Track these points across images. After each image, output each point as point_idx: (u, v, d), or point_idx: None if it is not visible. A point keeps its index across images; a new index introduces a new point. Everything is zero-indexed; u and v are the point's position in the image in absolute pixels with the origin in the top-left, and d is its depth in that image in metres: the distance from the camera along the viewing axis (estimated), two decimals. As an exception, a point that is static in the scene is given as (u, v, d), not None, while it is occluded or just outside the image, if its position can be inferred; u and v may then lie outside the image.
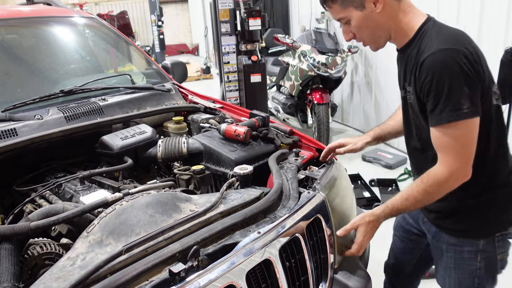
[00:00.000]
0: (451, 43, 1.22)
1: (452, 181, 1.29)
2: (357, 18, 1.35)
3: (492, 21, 3.49)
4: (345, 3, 1.34)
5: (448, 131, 1.24)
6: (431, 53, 1.23)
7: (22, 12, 2.72)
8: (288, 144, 1.96)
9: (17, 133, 1.75)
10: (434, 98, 1.23)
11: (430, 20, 1.34)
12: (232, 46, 5.32)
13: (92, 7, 16.37)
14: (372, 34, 1.39)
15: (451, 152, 1.26)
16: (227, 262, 1.12)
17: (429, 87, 1.24)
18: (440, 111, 1.23)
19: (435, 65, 1.22)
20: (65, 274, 1.05)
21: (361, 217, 1.47)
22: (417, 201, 1.35)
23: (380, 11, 1.32)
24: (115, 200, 1.38)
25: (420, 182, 1.33)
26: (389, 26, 1.36)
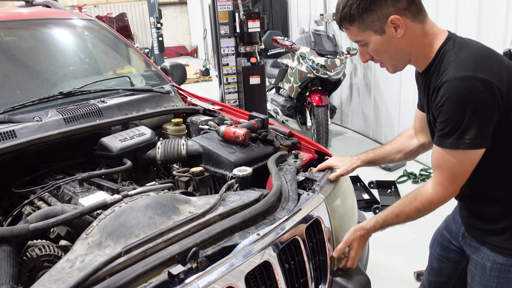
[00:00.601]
0: (467, 69, 1.17)
1: (444, 201, 1.31)
2: (375, 42, 1.29)
3: (490, 22, 3.50)
4: (363, 26, 1.27)
5: (448, 156, 1.24)
6: (445, 80, 1.19)
7: (21, 14, 2.72)
8: (287, 146, 1.96)
9: (16, 135, 1.75)
10: (443, 122, 1.22)
11: (450, 39, 1.28)
12: (231, 48, 5.32)
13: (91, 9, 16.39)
14: (391, 58, 1.34)
15: (447, 175, 1.27)
16: (226, 264, 1.12)
17: (440, 111, 1.22)
18: (444, 136, 1.22)
19: (448, 93, 1.18)
20: (64, 276, 1.05)
21: (353, 232, 1.47)
22: (408, 218, 1.37)
23: (401, 36, 1.26)
24: (114, 202, 1.38)
25: (413, 199, 1.35)
26: (410, 51, 1.31)
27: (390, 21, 1.24)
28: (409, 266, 2.72)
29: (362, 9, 1.25)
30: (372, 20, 1.25)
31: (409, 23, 1.25)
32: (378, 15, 1.24)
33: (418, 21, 1.27)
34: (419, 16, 1.27)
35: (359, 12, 1.25)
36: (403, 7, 1.24)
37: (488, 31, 3.53)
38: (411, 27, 1.26)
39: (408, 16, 1.25)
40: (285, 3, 7.97)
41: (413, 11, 1.25)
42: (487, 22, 3.53)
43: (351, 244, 1.47)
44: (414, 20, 1.26)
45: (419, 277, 2.67)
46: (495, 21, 3.45)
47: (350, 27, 1.31)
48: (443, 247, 1.66)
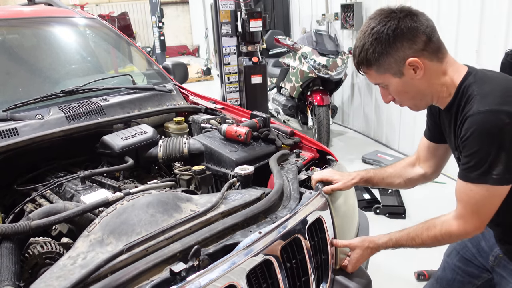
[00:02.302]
0: (493, 103, 1.14)
1: (464, 236, 1.28)
2: (395, 84, 1.27)
3: (492, 23, 3.49)
4: (381, 70, 1.25)
5: (472, 191, 1.21)
6: (470, 114, 1.17)
7: (23, 12, 2.72)
8: (289, 145, 1.96)
9: (18, 133, 1.75)
10: (467, 156, 1.19)
11: (471, 74, 1.25)
12: (233, 47, 5.32)
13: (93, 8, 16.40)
14: (413, 99, 1.32)
15: (471, 210, 1.24)
16: (227, 262, 1.12)
17: (464, 145, 1.19)
18: (469, 170, 1.20)
19: (473, 127, 1.16)
20: (65, 273, 1.05)
21: (361, 240, 1.45)
22: (423, 244, 1.33)
23: (420, 77, 1.24)
24: (116, 199, 1.38)
25: (432, 227, 1.31)
26: (431, 90, 1.28)
27: (408, 63, 1.21)
28: (409, 266, 2.72)
29: (378, 53, 1.22)
30: (389, 63, 1.23)
31: (428, 63, 1.23)
32: (395, 58, 1.22)
33: (437, 60, 1.24)
34: (438, 54, 1.24)
35: (376, 56, 1.23)
36: (420, 48, 1.21)
37: (489, 31, 3.52)
38: (430, 67, 1.23)
39: (426, 57, 1.22)
40: (287, 2, 7.97)
41: (430, 50, 1.23)
42: (489, 23, 3.53)
43: (354, 250, 1.46)
44: (433, 59, 1.23)
45: (420, 277, 2.67)
46: (497, 22, 3.44)
47: (368, 71, 1.29)
48: (463, 259, 1.62)
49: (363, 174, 1.63)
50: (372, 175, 1.64)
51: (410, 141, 4.71)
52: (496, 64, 3.01)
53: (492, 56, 3.41)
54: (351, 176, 1.61)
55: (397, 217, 3.47)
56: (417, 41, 1.20)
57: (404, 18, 1.21)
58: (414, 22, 1.21)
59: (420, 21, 1.21)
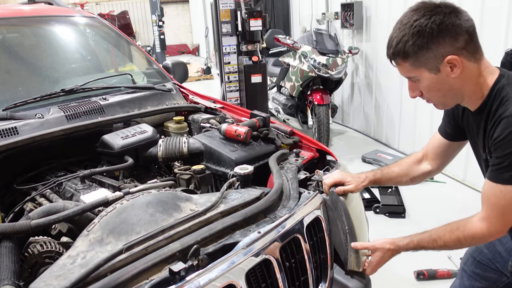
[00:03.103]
0: None
1: (487, 238, 1.27)
2: (429, 80, 1.24)
3: (492, 22, 3.49)
4: (417, 63, 1.22)
5: (503, 192, 1.19)
6: (506, 115, 1.16)
7: (24, 11, 2.72)
8: (288, 145, 1.96)
9: (18, 132, 1.75)
10: (500, 157, 1.18)
11: (504, 77, 1.25)
12: (233, 46, 5.32)
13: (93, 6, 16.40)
14: (443, 96, 1.29)
15: (496, 211, 1.22)
16: (227, 262, 1.12)
17: (498, 146, 1.18)
18: (501, 171, 1.18)
19: (508, 129, 1.15)
20: (65, 272, 1.06)
21: (382, 243, 1.42)
22: (446, 246, 1.31)
23: (456, 76, 1.21)
24: (115, 199, 1.38)
25: (455, 229, 1.29)
26: (463, 90, 1.26)
27: (447, 60, 1.19)
28: (409, 265, 2.72)
29: (418, 46, 1.20)
30: (427, 58, 1.21)
31: (466, 63, 1.21)
32: (434, 54, 1.20)
33: (474, 60, 1.23)
34: (476, 55, 1.23)
35: (415, 49, 1.20)
36: (461, 46, 1.19)
37: (489, 31, 3.52)
38: (467, 67, 1.21)
39: (465, 56, 1.20)
40: (287, 1, 7.97)
41: (470, 50, 1.21)
42: (489, 22, 3.53)
43: (375, 252, 1.43)
44: (471, 60, 1.22)
45: (419, 277, 2.67)
46: (497, 21, 3.44)
47: (403, 63, 1.26)
48: (480, 265, 1.61)
49: (371, 176, 1.61)
50: (380, 176, 1.63)
51: (410, 140, 4.71)
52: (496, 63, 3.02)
53: (492, 55, 3.40)
54: (361, 179, 1.59)
55: (397, 216, 3.47)
56: (459, 39, 1.18)
57: (450, 14, 1.18)
58: (458, 19, 1.18)
59: (464, 19, 1.20)
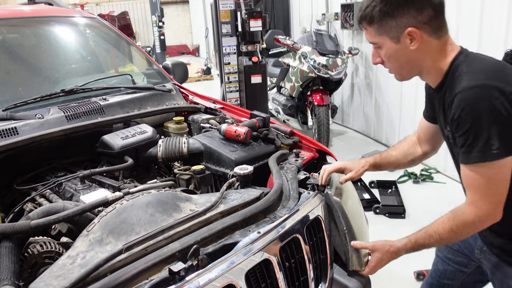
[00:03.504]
0: (481, 78, 1.15)
1: (480, 224, 1.23)
2: (389, 48, 1.28)
3: (492, 23, 3.50)
4: (381, 30, 1.26)
5: (476, 171, 1.19)
6: (459, 91, 1.17)
7: (24, 11, 2.72)
8: (288, 145, 1.96)
9: (18, 132, 1.75)
10: (463, 136, 1.18)
11: (462, 53, 1.27)
12: (233, 47, 5.32)
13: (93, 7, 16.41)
14: (400, 67, 1.33)
15: (479, 193, 1.20)
16: (226, 262, 1.12)
17: (457, 124, 1.18)
18: (468, 151, 1.17)
19: (463, 103, 1.15)
20: (65, 272, 1.06)
21: (382, 244, 1.41)
22: (442, 239, 1.29)
23: (414, 49, 1.24)
24: (115, 199, 1.38)
25: (446, 219, 1.28)
26: (421, 64, 1.29)
27: (407, 32, 1.22)
28: (409, 265, 2.72)
29: (384, 13, 1.23)
30: (390, 26, 1.24)
31: (426, 37, 1.23)
32: (397, 23, 1.23)
33: (436, 37, 1.25)
34: (439, 32, 1.25)
35: (380, 15, 1.24)
36: (424, 20, 1.21)
37: (490, 31, 3.52)
38: (427, 42, 1.24)
39: (426, 30, 1.23)
40: (287, 2, 7.97)
41: (433, 26, 1.23)
42: (488, 23, 3.53)
43: (374, 253, 1.42)
44: (432, 35, 1.24)
45: (419, 277, 2.67)
46: (496, 22, 3.45)
47: (368, 27, 1.30)
48: (452, 251, 1.64)
49: (371, 161, 1.64)
50: (380, 160, 1.65)
51: (410, 141, 4.71)
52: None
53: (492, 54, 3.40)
54: (361, 164, 1.62)
55: (397, 216, 3.47)
56: (423, 13, 1.21)
57: None
58: None
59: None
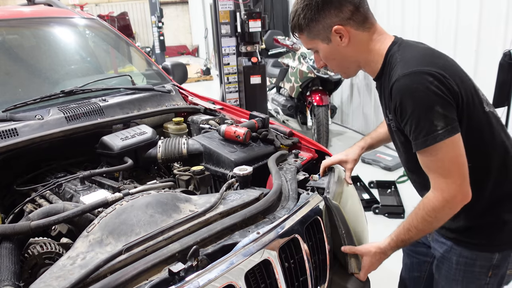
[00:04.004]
0: (414, 65, 1.19)
1: (449, 206, 1.23)
2: (323, 50, 1.34)
3: (491, 23, 3.50)
4: (311, 35, 1.32)
5: (429, 155, 1.20)
6: (395, 79, 1.21)
7: (23, 12, 2.73)
8: (287, 146, 1.96)
9: (18, 133, 1.75)
10: (407, 125, 1.20)
11: (396, 43, 1.31)
12: (232, 47, 5.33)
13: (93, 8, 16.40)
14: (340, 65, 1.39)
15: (439, 175, 1.21)
16: (226, 262, 1.12)
17: (400, 113, 1.21)
18: (415, 137, 1.20)
19: (401, 91, 1.19)
20: (65, 273, 1.06)
21: (367, 247, 1.45)
22: (419, 230, 1.30)
23: (346, 45, 1.30)
24: (115, 200, 1.38)
25: (417, 209, 1.29)
26: (357, 58, 1.34)
27: (334, 30, 1.27)
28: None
29: (308, 19, 1.29)
30: (318, 30, 1.30)
31: (354, 32, 1.29)
32: (323, 25, 1.28)
33: (363, 29, 1.30)
34: (365, 24, 1.30)
35: (306, 22, 1.30)
36: (346, 16, 1.27)
37: (488, 32, 3.53)
38: (356, 36, 1.29)
39: (352, 25, 1.28)
40: (286, 2, 7.98)
41: (357, 20, 1.28)
42: (487, 23, 3.54)
43: (363, 257, 1.46)
44: (359, 29, 1.29)
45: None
46: (495, 22, 3.45)
47: (300, 35, 1.36)
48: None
49: (362, 144, 1.70)
50: (371, 141, 1.70)
51: (409, 141, 4.72)
52: (494, 64, 3.03)
53: (491, 56, 3.42)
54: (356, 151, 1.67)
55: (396, 217, 3.48)
56: (343, 10, 1.26)
57: None
58: None
59: None
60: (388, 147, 5.16)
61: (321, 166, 1.71)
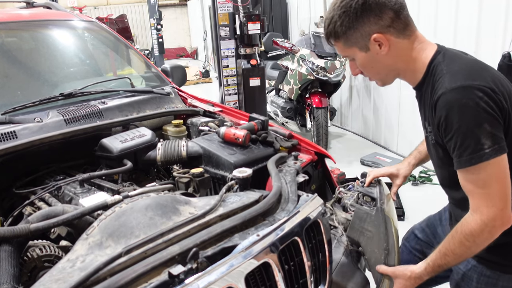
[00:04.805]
0: (464, 79, 1.14)
1: (488, 230, 1.15)
2: (361, 58, 1.29)
3: (489, 25, 3.51)
4: (349, 43, 1.27)
5: (471, 174, 1.15)
6: (442, 92, 1.15)
7: (22, 15, 2.73)
8: (287, 148, 1.96)
9: (17, 136, 1.75)
10: (452, 140, 1.15)
11: (440, 53, 1.25)
12: (231, 50, 5.33)
13: (91, 10, 16.43)
14: (378, 73, 1.33)
15: (480, 198, 1.15)
16: (226, 265, 1.12)
17: (445, 128, 1.16)
18: (459, 155, 1.14)
19: (448, 105, 1.13)
20: (64, 275, 1.06)
21: (403, 270, 1.39)
22: (457, 255, 1.23)
23: (385, 53, 1.24)
24: (114, 202, 1.38)
25: (455, 232, 1.22)
26: (397, 66, 1.29)
27: (373, 39, 1.23)
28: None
29: (346, 26, 1.24)
30: (356, 38, 1.25)
31: (394, 40, 1.24)
32: (361, 33, 1.23)
33: (404, 37, 1.25)
34: (405, 31, 1.25)
35: (343, 29, 1.25)
36: (386, 24, 1.22)
37: (487, 33, 3.54)
38: (396, 44, 1.24)
39: (392, 33, 1.23)
40: (285, 5, 8.00)
41: (397, 27, 1.23)
42: (486, 25, 3.54)
43: (396, 279, 1.40)
44: (399, 36, 1.24)
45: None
46: (494, 24, 3.46)
47: (336, 43, 1.31)
48: (421, 242, 1.65)
49: (413, 161, 1.65)
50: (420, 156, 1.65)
51: (408, 142, 4.72)
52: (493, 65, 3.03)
53: (490, 57, 3.43)
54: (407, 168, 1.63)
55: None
56: (383, 17, 1.21)
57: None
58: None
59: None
60: (388, 149, 5.16)
61: (369, 175, 1.65)
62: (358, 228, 1.57)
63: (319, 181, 1.99)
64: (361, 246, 1.55)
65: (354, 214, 1.61)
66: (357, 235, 1.57)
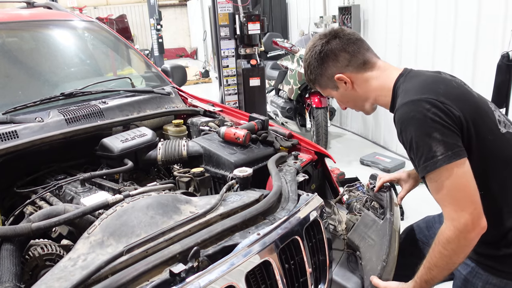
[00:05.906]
0: (412, 94, 1.22)
1: (463, 236, 1.15)
2: (337, 96, 1.48)
3: (488, 25, 3.52)
4: (323, 85, 1.47)
5: (435, 183, 1.18)
6: (396, 109, 1.26)
7: (23, 15, 2.73)
8: (287, 147, 1.97)
9: (18, 136, 1.76)
10: (410, 152, 1.22)
11: (403, 75, 1.35)
12: (231, 50, 5.34)
13: (91, 10, 16.42)
14: (355, 105, 1.49)
15: (448, 204, 1.18)
16: (226, 263, 1.13)
17: (403, 142, 1.24)
18: (417, 164, 1.20)
19: (400, 119, 1.22)
20: (66, 274, 1.06)
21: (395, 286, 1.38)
22: (440, 268, 1.22)
23: (352, 89, 1.40)
24: (115, 201, 1.38)
25: (434, 245, 1.23)
26: (368, 96, 1.42)
27: (337, 78, 1.40)
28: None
29: (314, 74, 1.45)
30: (325, 81, 1.45)
31: (355, 75, 1.39)
32: (326, 76, 1.43)
33: (364, 71, 1.38)
34: (365, 66, 1.38)
35: (313, 76, 1.46)
36: (344, 64, 1.38)
37: (486, 34, 3.55)
38: (359, 78, 1.39)
39: (352, 71, 1.39)
40: (285, 5, 8.00)
41: (355, 64, 1.38)
42: (485, 25, 3.55)
43: None
44: (360, 71, 1.38)
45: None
46: (493, 24, 3.47)
47: (315, 87, 1.52)
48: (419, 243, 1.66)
49: None
50: None
51: (408, 143, 4.72)
52: (493, 65, 3.04)
53: (489, 57, 3.44)
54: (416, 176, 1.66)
55: (395, 218, 3.48)
56: (340, 60, 1.38)
57: (327, 42, 1.39)
58: (335, 43, 1.39)
59: (342, 41, 1.38)
60: (387, 149, 5.17)
61: (379, 180, 1.68)
62: (360, 233, 1.58)
63: (319, 181, 2.00)
64: (359, 251, 1.55)
65: (361, 218, 1.61)
66: (358, 239, 1.57)
